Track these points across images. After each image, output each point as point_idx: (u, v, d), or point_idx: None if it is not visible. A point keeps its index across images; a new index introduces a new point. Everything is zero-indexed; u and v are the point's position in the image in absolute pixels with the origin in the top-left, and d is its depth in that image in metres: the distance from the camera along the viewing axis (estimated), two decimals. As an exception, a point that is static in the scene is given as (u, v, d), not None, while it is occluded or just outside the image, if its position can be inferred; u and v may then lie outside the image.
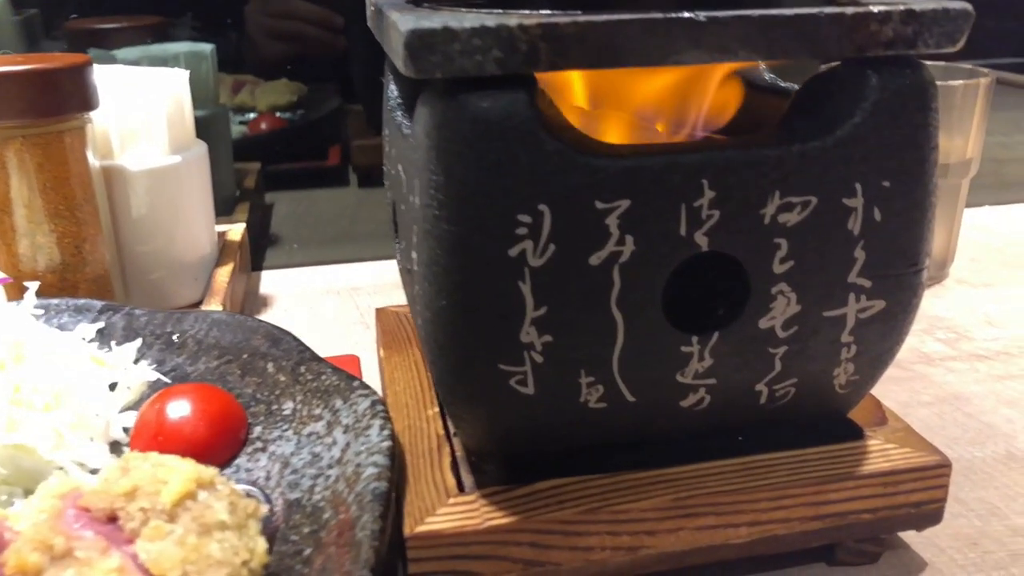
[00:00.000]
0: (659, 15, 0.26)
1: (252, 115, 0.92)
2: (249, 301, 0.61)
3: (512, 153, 0.27)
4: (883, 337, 0.31)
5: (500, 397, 0.30)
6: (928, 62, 0.58)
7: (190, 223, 0.54)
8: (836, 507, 0.32)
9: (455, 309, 0.28)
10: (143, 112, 0.51)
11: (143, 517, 0.26)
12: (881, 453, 0.33)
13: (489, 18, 0.26)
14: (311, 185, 0.87)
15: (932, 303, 0.57)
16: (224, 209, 0.66)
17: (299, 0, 0.95)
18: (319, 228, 0.78)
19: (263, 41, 0.95)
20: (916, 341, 0.52)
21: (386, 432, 0.32)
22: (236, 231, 0.62)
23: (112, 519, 0.27)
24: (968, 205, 0.62)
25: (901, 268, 0.30)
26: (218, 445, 0.35)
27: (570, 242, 0.28)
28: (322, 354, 0.39)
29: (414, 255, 0.30)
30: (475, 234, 0.27)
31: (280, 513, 0.32)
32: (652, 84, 0.32)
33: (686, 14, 0.26)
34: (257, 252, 0.70)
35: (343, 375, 0.37)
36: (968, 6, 0.28)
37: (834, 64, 0.30)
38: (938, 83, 0.53)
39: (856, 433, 0.34)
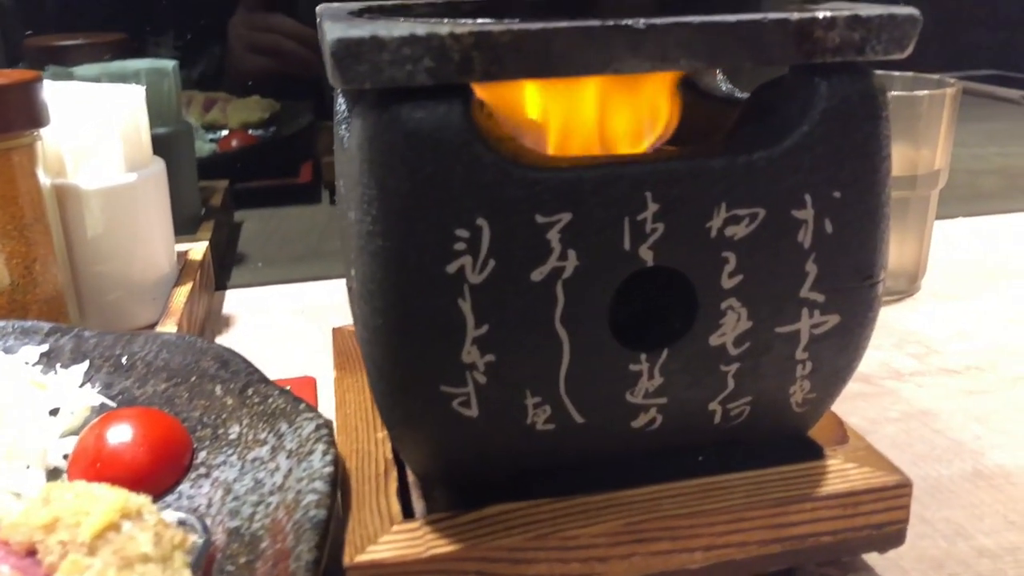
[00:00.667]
0: (596, 22, 0.25)
1: (224, 132, 0.90)
2: (212, 321, 0.60)
3: (447, 166, 0.26)
4: (839, 353, 0.30)
5: (442, 420, 0.28)
6: (896, 72, 0.58)
7: (147, 242, 0.52)
8: (795, 529, 0.31)
9: (392, 328, 0.27)
10: (96, 129, 0.50)
11: (62, 550, 0.25)
12: (840, 473, 0.32)
13: (420, 27, 0.25)
14: (283, 202, 0.86)
15: (903, 317, 0.57)
16: (188, 228, 0.65)
17: (281, 16, 0.94)
18: (288, 246, 0.77)
19: (243, 54, 0.94)
20: (886, 356, 0.51)
21: (328, 457, 0.31)
22: (197, 250, 0.60)
23: (31, 552, 0.26)
24: (941, 217, 0.61)
25: (855, 281, 0.29)
26: (160, 471, 0.34)
27: (511, 257, 0.27)
28: (283, 375, 0.37)
29: (352, 272, 0.29)
30: (411, 250, 0.26)
31: (219, 542, 0.30)
32: (600, 94, 0.31)
33: (625, 21, 0.25)
34: (223, 271, 0.69)
35: (290, 397, 0.35)
36: (915, 11, 0.27)
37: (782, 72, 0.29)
38: (904, 94, 0.53)
39: (816, 452, 0.33)
